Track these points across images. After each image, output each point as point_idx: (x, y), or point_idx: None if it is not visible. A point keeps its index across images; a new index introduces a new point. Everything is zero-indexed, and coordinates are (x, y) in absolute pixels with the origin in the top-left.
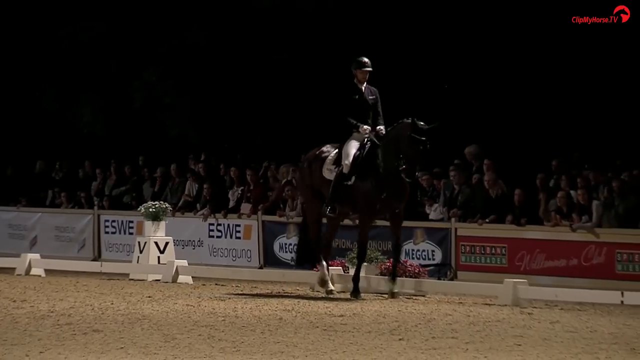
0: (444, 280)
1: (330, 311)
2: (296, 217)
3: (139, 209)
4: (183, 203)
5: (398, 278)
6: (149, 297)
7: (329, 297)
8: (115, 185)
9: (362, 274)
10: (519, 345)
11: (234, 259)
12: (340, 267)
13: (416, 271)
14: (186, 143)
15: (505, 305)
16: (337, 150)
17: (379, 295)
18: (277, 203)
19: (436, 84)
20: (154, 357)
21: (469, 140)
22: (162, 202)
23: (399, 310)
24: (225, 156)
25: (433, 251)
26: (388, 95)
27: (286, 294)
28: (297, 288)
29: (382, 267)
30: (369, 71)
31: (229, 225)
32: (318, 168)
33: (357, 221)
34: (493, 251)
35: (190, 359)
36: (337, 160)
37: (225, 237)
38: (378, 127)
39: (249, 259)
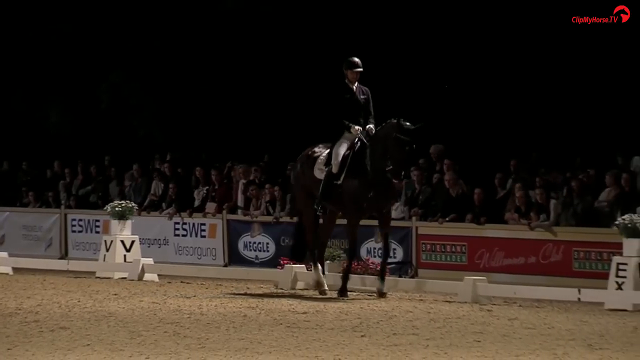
0: (405, 278)
1: (293, 308)
2: (260, 216)
3: (105, 208)
4: (149, 202)
5: (360, 276)
6: (115, 294)
7: (294, 295)
8: (82, 185)
9: (327, 271)
10: (479, 341)
11: (199, 257)
12: (303, 265)
13: (378, 269)
14: (152, 143)
15: (465, 302)
16: (328, 150)
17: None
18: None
19: (405, 82)
20: (120, 354)
21: (431, 140)
22: (128, 201)
23: (361, 308)
24: (190, 156)
25: (395, 249)
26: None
27: (250, 292)
28: (261, 286)
29: (344, 264)
30: (359, 71)
31: (194, 224)
32: (309, 168)
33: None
34: (453, 249)
35: (156, 355)
36: (328, 161)
37: (191, 236)
38: (368, 127)
39: (214, 257)
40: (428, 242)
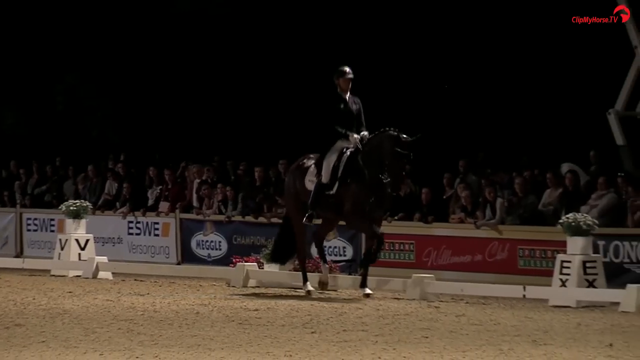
0: (354, 275)
1: (245, 305)
2: (213, 215)
3: (60, 207)
4: (103, 202)
5: (310, 274)
6: (70, 292)
7: (243, 293)
8: (37, 185)
9: (276, 269)
10: (427, 337)
11: (152, 255)
12: (255, 263)
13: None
14: (107, 144)
15: (413, 299)
16: (316, 160)
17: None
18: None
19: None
20: (75, 350)
21: (427, 151)
22: (82, 200)
23: (311, 305)
24: (144, 156)
25: (344, 247)
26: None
27: (203, 290)
28: (214, 283)
29: (295, 263)
30: (351, 79)
31: (147, 223)
32: (300, 179)
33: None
34: (402, 247)
35: (110, 351)
36: (319, 171)
37: (144, 235)
38: (362, 134)
39: (167, 256)
40: None
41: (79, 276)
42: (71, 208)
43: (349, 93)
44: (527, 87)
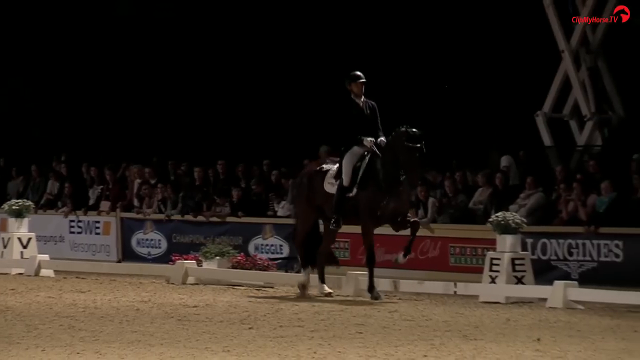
0: (291, 272)
1: (184, 302)
2: (153, 214)
3: (2, 206)
4: (45, 201)
5: (250, 271)
6: (13, 289)
7: (182, 290)
8: None
9: (214, 267)
10: (361, 333)
11: (93, 253)
12: (194, 261)
13: (265, 264)
14: (49, 144)
15: (348, 295)
16: (337, 164)
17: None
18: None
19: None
20: (17, 346)
21: (321, 141)
22: (25, 199)
23: (249, 301)
24: (85, 156)
25: (281, 245)
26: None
27: (143, 287)
28: (154, 281)
29: (234, 260)
30: (363, 83)
31: (88, 221)
32: (319, 183)
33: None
34: (337, 245)
35: (52, 347)
36: (338, 174)
37: (86, 233)
38: (379, 139)
39: (107, 254)
40: None
41: (22, 274)
42: (13, 207)
43: (362, 97)
44: (457, 91)
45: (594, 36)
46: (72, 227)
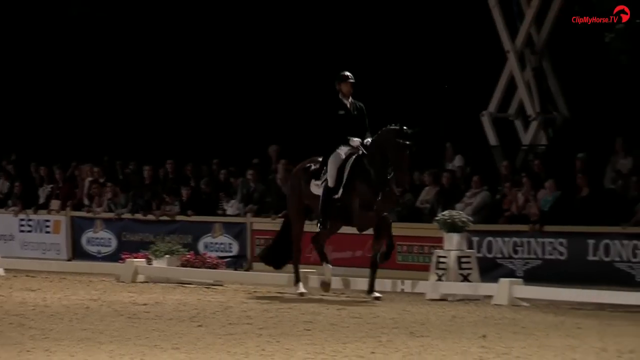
0: (240, 270)
1: (134, 300)
2: (103, 212)
3: None
4: None
5: (199, 269)
6: None
7: (132, 288)
8: None
9: (164, 265)
10: (309, 330)
11: (43, 252)
12: (144, 260)
13: (214, 262)
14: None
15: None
16: (321, 164)
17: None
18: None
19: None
20: None
21: (270, 141)
22: None
23: (198, 299)
24: (35, 155)
25: (230, 244)
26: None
27: (93, 285)
28: (103, 279)
29: (183, 259)
30: (352, 83)
31: (39, 220)
32: (306, 183)
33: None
34: None
35: (1, 345)
36: (316, 173)
37: (36, 232)
38: (365, 140)
39: (58, 252)
40: (262, 237)
41: None
42: None
43: (350, 98)
44: (405, 91)
45: (538, 37)
46: (22, 225)
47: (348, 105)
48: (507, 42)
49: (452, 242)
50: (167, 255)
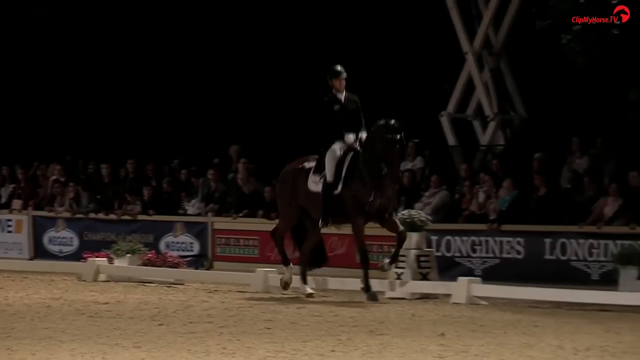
0: (201, 269)
1: (95, 299)
2: (65, 212)
3: None
4: None
5: (161, 268)
6: None
7: (93, 287)
8: None
9: (125, 264)
10: (269, 328)
11: (5, 251)
12: (106, 259)
13: (175, 262)
14: None
15: (257, 292)
16: (317, 161)
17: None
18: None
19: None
20: None
21: (231, 141)
22: None
23: (159, 298)
24: None
25: (191, 243)
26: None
27: (55, 284)
28: (65, 278)
29: (144, 258)
30: (345, 78)
31: (0, 220)
32: (302, 182)
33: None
34: (246, 243)
35: None
36: (316, 169)
37: None
38: (360, 136)
39: (20, 251)
40: (223, 236)
41: None
42: None
43: (344, 92)
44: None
45: (496, 38)
46: None
47: (343, 100)
48: (466, 43)
49: (412, 241)
50: (128, 255)
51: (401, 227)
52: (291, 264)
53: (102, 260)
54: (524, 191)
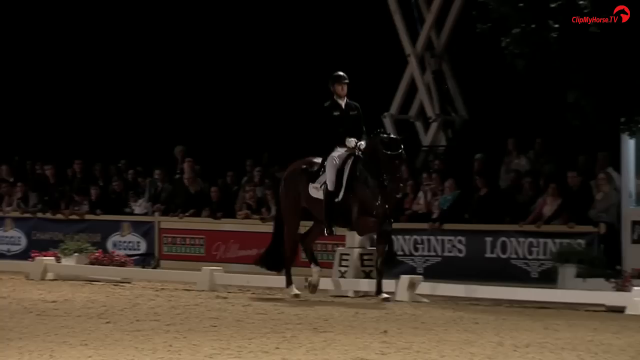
0: (148, 268)
1: (43, 298)
2: (12, 212)
3: None
4: None
5: (108, 267)
6: None
7: (41, 286)
8: None
9: (73, 263)
10: (215, 326)
11: None
12: (54, 258)
13: (123, 260)
14: None
15: (203, 290)
16: (318, 166)
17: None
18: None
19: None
20: None
21: (177, 141)
22: None
23: (106, 297)
24: None
25: (138, 242)
26: None
27: (2, 283)
28: (13, 277)
29: (92, 257)
30: (346, 83)
31: None
32: (304, 186)
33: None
34: (192, 242)
35: None
36: (314, 175)
37: None
38: (359, 143)
39: None
40: (169, 235)
41: None
42: None
43: (346, 99)
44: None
45: (438, 41)
46: None
47: (343, 106)
48: (408, 46)
49: (355, 240)
50: (76, 254)
51: (386, 244)
52: (319, 266)
53: (50, 259)
54: (465, 191)
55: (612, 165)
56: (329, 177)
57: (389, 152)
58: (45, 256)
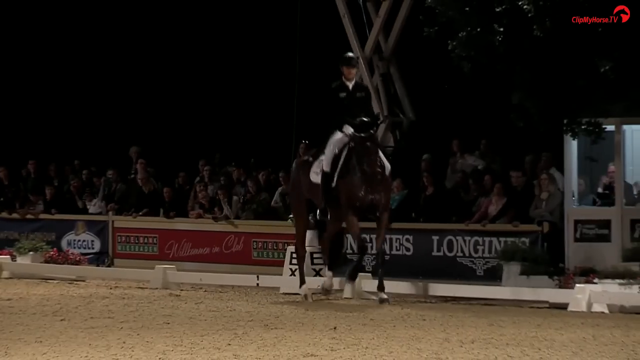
0: (102, 267)
1: None
2: None
3: None
4: None
5: (62, 266)
6: None
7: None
8: None
9: (28, 261)
10: (168, 323)
11: None
12: (9, 256)
13: (77, 259)
14: None
15: (157, 288)
16: (323, 153)
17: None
18: None
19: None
20: None
21: (131, 142)
22: None
23: (61, 294)
24: None
25: (93, 241)
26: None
27: None
28: None
29: (47, 255)
30: (355, 66)
31: None
32: (306, 173)
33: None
34: (146, 241)
35: None
36: (316, 155)
37: None
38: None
39: None
40: (123, 234)
41: None
42: None
43: (354, 81)
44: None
45: (386, 44)
46: None
47: (350, 88)
48: (357, 49)
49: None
50: (31, 252)
51: (383, 235)
52: (333, 269)
53: (5, 258)
54: (412, 190)
55: (555, 165)
56: (326, 158)
57: (359, 135)
58: (0, 255)
